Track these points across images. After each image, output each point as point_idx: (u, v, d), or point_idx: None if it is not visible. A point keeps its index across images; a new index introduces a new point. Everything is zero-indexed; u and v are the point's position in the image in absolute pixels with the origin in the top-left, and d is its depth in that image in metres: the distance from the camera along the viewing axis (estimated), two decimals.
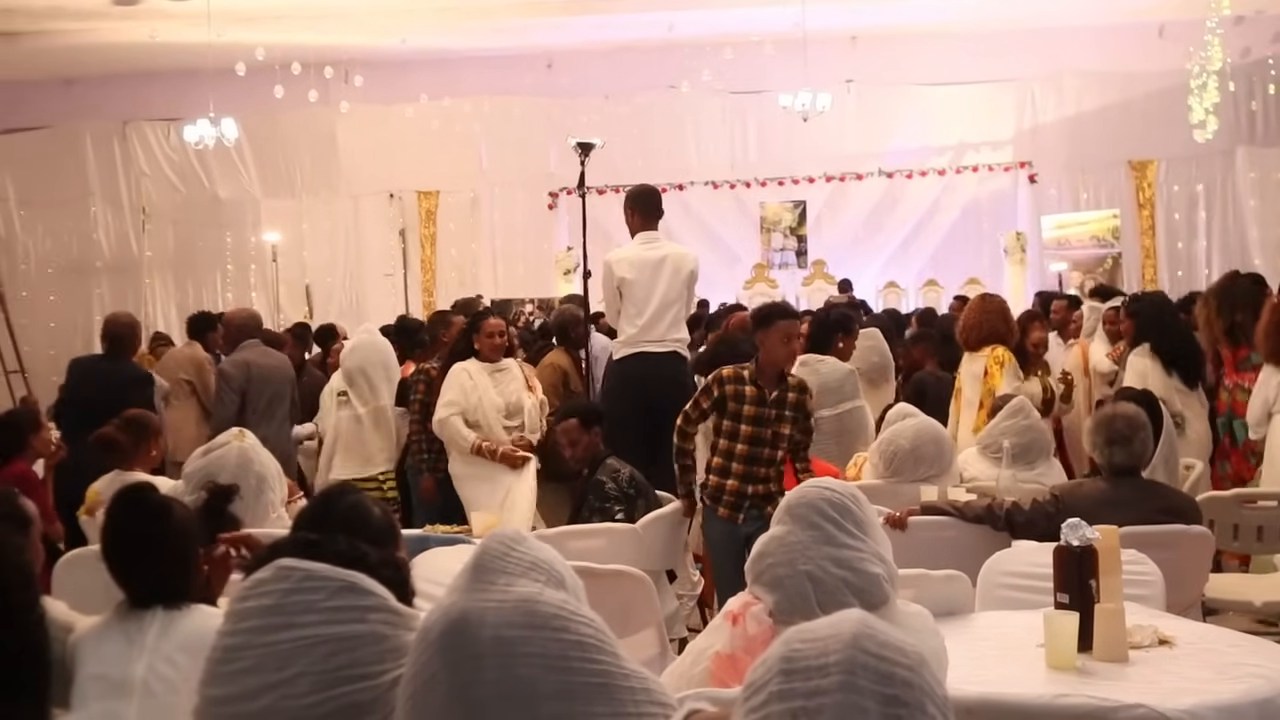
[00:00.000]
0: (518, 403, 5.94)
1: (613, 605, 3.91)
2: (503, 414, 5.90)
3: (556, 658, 1.72)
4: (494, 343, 5.98)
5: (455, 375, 5.90)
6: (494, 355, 5.98)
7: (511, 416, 5.94)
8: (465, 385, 5.86)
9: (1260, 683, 2.59)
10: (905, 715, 1.30)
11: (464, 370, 5.91)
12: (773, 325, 4.96)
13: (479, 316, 6.27)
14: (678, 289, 6.24)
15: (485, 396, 5.87)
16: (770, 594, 2.45)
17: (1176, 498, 4.38)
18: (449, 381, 5.91)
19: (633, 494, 5.05)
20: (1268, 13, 14.83)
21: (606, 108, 15.29)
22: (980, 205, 15.66)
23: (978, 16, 14.75)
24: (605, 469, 5.15)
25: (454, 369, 5.95)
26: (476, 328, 6.06)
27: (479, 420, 5.83)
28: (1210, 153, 14.89)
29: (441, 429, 5.88)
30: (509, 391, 5.95)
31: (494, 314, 6.44)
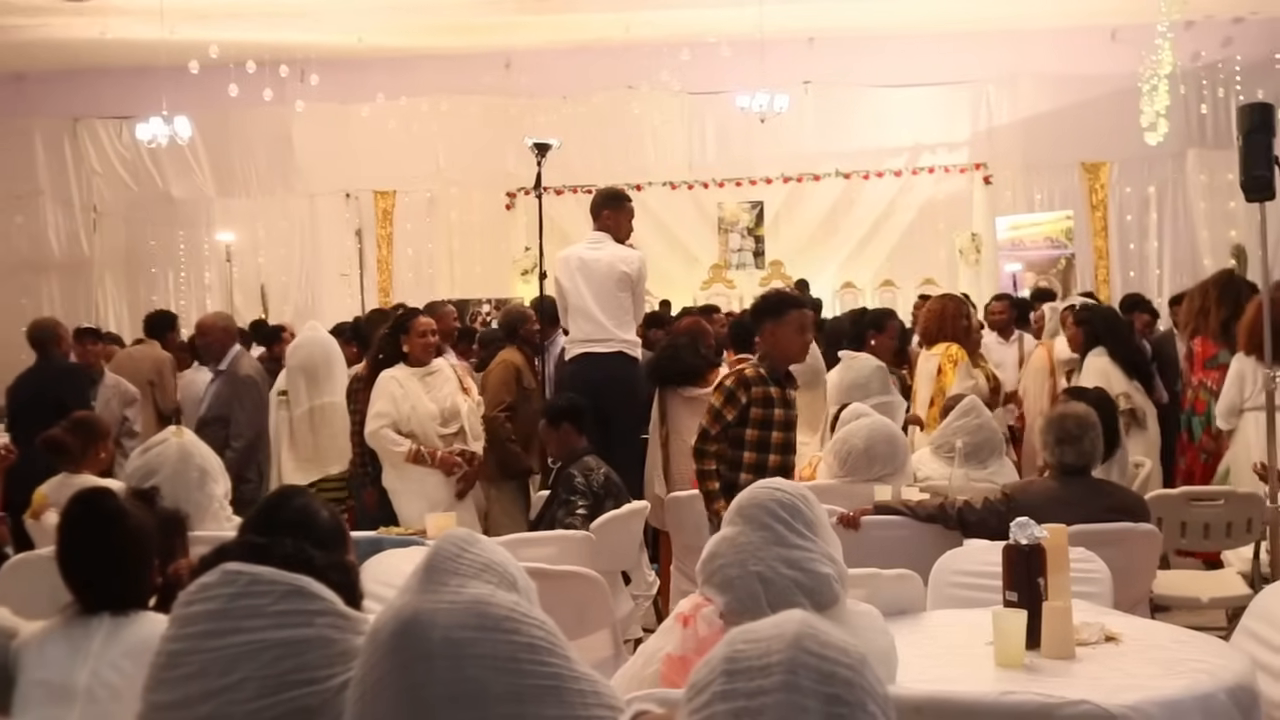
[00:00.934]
0: (453, 407, 5.64)
1: (567, 607, 3.90)
2: (438, 421, 5.59)
3: (507, 659, 1.72)
4: (425, 343, 5.65)
5: (383, 384, 5.57)
6: (424, 357, 5.65)
7: (448, 423, 5.63)
8: (395, 394, 5.52)
9: (1203, 678, 2.63)
10: (846, 714, 1.31)
11: (392, 379, 5.57)
12: (785, 315, 4.63)
13: (408, 315, 5.88)
14: (611, 290, 6.27)
15: (418, 405, 5.55)
16: (721, 595, 2.46)
17: (1125, 496, 4.45)
18: (377, 390, 5.57)
19: (602, 494, 5.02)
20: (1217, 17, 15.04)
21: (564, 108, 15.26)
22: (936, 206, 15.75)
23: (934, 19, 14.86)
24: (580, 465, 5.13)
25: (381, 377, 5.60)
26: (405, 327, 5.69)
27: (414, 430, 5.53)
28: (1162, 155, 15.06)
29: (373, 441, 5.58)
30: (442, 396, 5.64)
31: (422, 312, 6.04)
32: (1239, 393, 6.16)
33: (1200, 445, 6.78)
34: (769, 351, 4.66)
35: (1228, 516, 5.39)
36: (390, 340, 5.72)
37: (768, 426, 4.50)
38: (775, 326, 4.63)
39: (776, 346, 4.64)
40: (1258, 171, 4.98)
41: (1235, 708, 2.58)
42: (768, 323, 4.67)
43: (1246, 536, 5.40)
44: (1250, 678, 2.73)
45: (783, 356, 4.65)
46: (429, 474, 5.53)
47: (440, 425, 5.59)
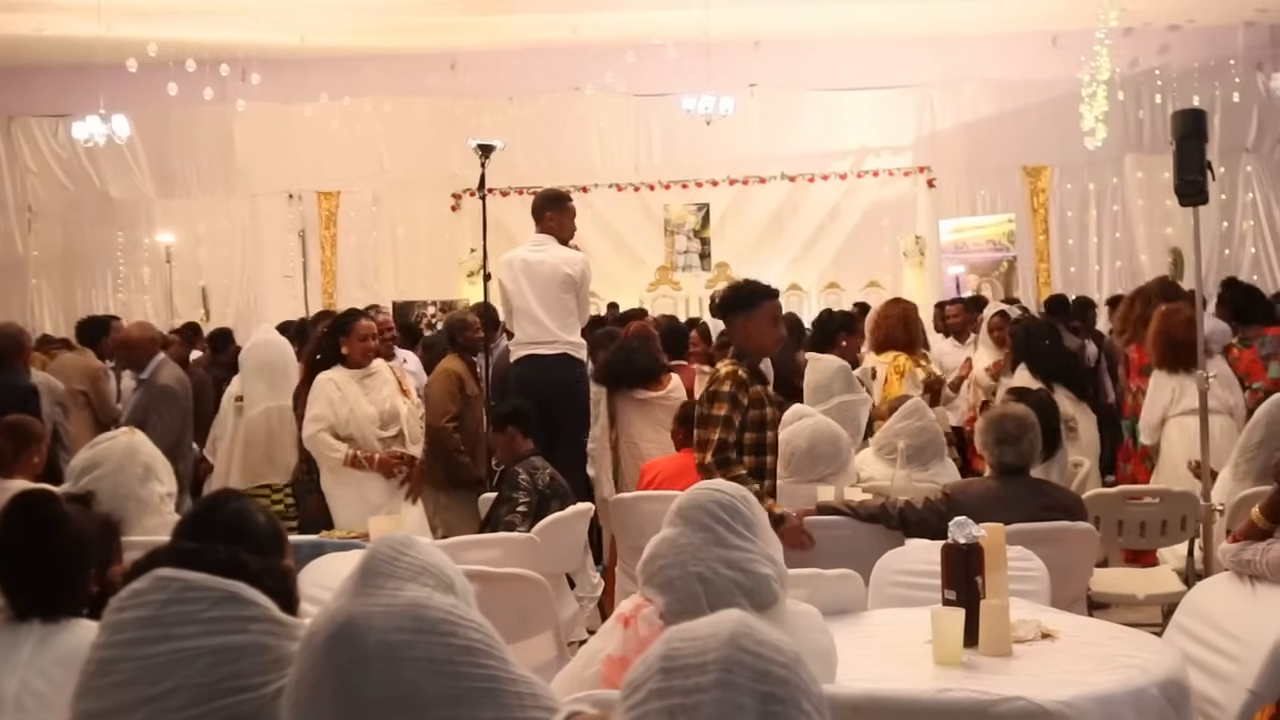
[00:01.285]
0: (392, 410, 5.53)
1: (509, 609, 3.89)
2: (377, 424, 5.48)
3: (443, 662, 1.72)
4: (366, 346, 5.54)
5: (321, 387, 5.45)
6: (364, 360, 5.53)
7: (387, 426, 5.52)
8: (332, 397, 5.40)
9: (1135, 673, 2.67)
10: (781, 712, 1.32)
11: (330, 381, 5.45)
12: (758, 307, 4.41)
13: (350, 317, 5.76)
14: (555, 293, 6.26)
15: (357, 407, 5.44)
16: (661, 596, 2.46)
17: (1063, 495, 4.51)
18: (314, 393, 5.46)
19: (547, 494, 5.00)
20: (1155, 25, 15.31)
21: (510, 109, 15.22)
22: (881, 209, 15.88)
23: (879, 23, 14.99)
24: (526, 464, 5.11)
25: (319, 380, 5.48)
26: (346, 330, 5.56)
27: (352, 434, 5.41)
28: (1101, 159, 15.30)
29: (310, 445, 5.48)
30: (381, 399, 5.52)
31: (366, 315, 5.92)
32: (1159, 408, 6.27)
33: (1142, 452, 6.91)
34: (743, 347, 4.44)
35: (1163, 515, 5.48)
36: (329, 342, 5.62)
37: (762, 429, 4.34)
38: (747, 320, 4.41)
39: (750, 340, 4.43)
40: (1190, 176, 5.06)
41: (1166, 702, 2.62)
42: (739, 316, 4.44)
43: (1181, 534, 5.49)
44: (1181, 672, 2.78)
45: (757, 350, 4.47)
46: (368, 478, 5.44)
47: (379, 428, 5.49)
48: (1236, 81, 15.71)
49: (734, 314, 4.47)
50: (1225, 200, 15.56)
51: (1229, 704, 2.97)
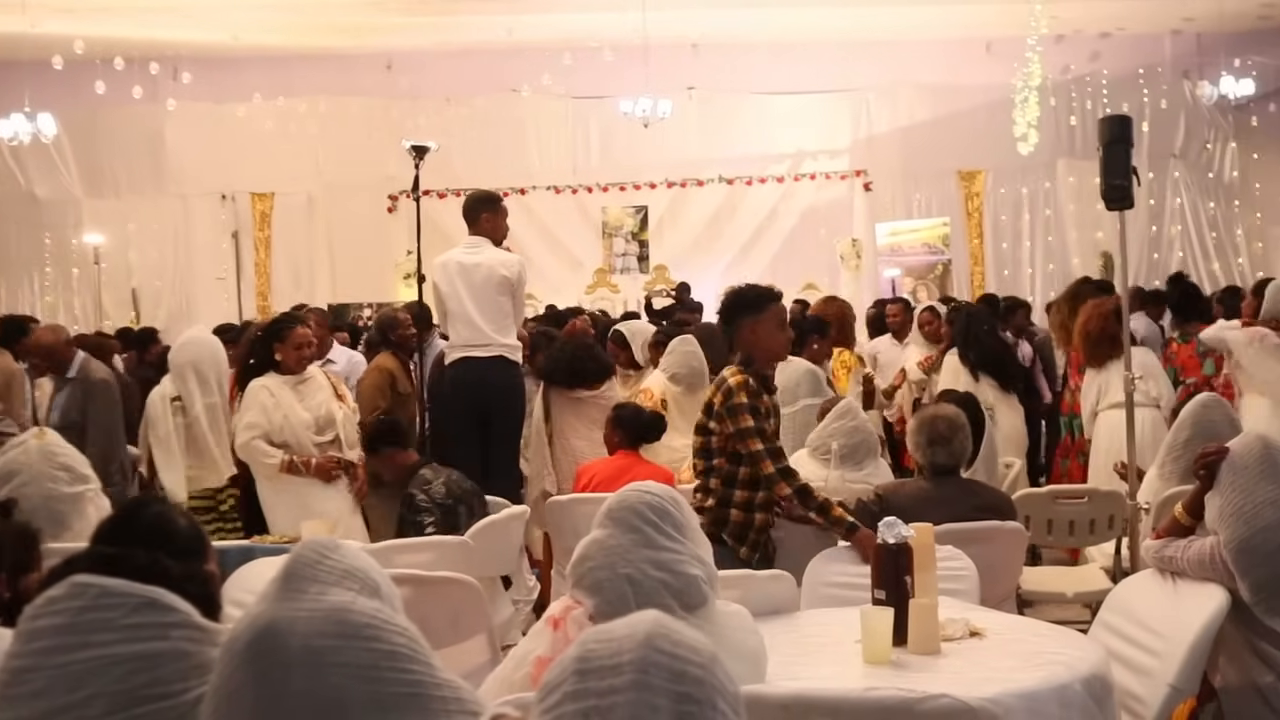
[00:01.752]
0: (328, 415, 5.44)
1: (442, 612, 3.87)
2: (313, 430, 5.38)
3: (367, 668, 1.70)
4: (301, 354, 5.44)
5: (254, 394, 5.34)
6: (298, 368, 5.44)
7: (323, 431, 5.42)
8: (266, 404, 5.30)
9: (1059, 669, 2.71)
10: (696, 712, 1.32)
11: (263, 388, 5.34)
12: (765, 310, 4.23)
13: (285, 324, 5.61)
14: (491, 295, 6.24)
15: (291, 414, 5.35)
16: (591, 597, 2.46)
17: (993, 495, 4.56)
18: (248, 400, 5.36)
19: (450, 503, 4.85)
20: (1086, 32, 15.58)
21: (447, 110, 15.15)
22: (818, 212, 16.01)
23: (816, 27, 15.11)
24: (418, 480, 4.93)
25: (252, 386, 5.37)
26: (281, 336, 5.43)
27: (287, 440, 5.31)
28: (1034, 164, 15.54)
29: (244, 453, 5.39)
30: (316, 404, 5.43)
31: (303, 321, 5.76)
32: (1089, 404, 6.45)
33: (1079, 447, 7.03)
34: (750, 352, 4.25)
35: (1091, 514, 5.57)
36: (263, 346, 5.50)
37: (766, 434, 4.13)
38: (755, 324, 4.22)
39: (758, 345, 4.23)
40: (1116, 181, 5.14)
41: (1089, 697, 2.66)
42: (746, 320, 4.23)
43: (1109, 533, 5.58)
44: (1105, 668, 2.82)
45: (765, 355, 4.26)
46: (307, 484, 5.33)
47: (315, 434, 5.39)
48: (1164, 89, 16.04)
49: (740, 317, 4.27)
50: (1154, 205, 15.88)
51: (1151, 698, 3.02)
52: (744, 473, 4.14)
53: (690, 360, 6.51)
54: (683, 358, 6.52)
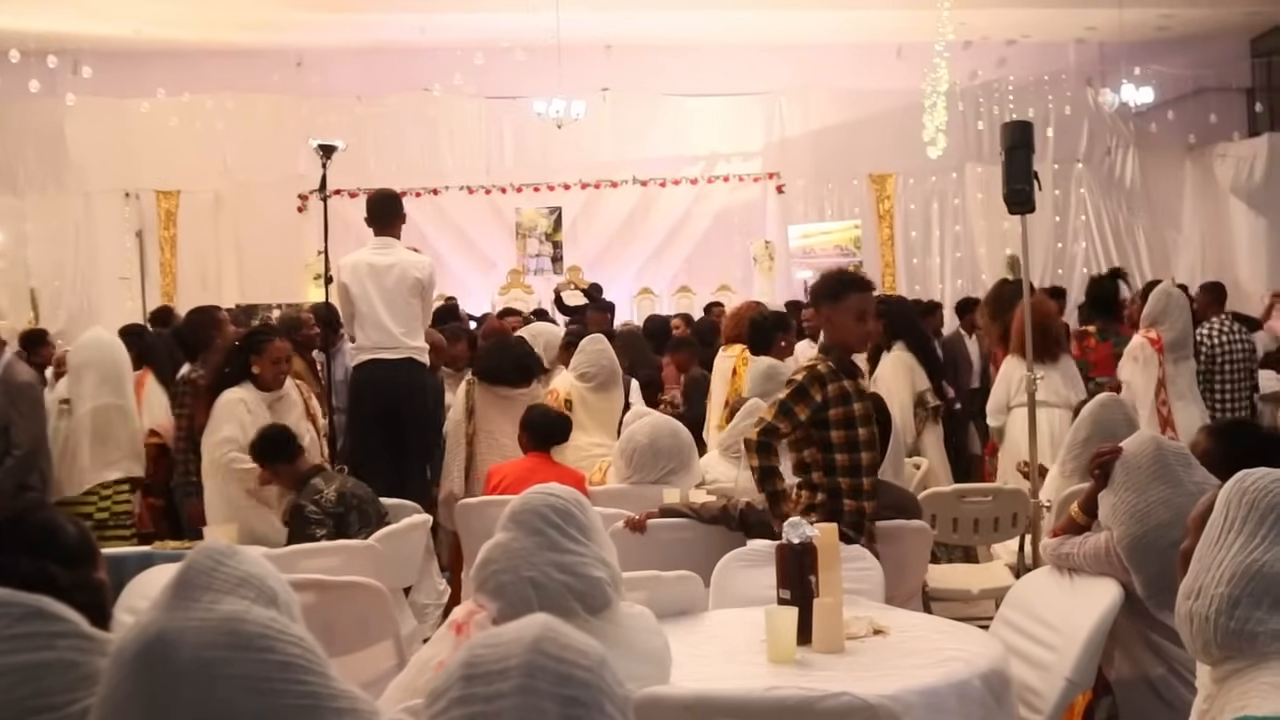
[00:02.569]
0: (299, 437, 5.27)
1: (349, 618, 3.82)
2: None
3: (260, 679, 1.66)
4: (278, 369, 5.28)
5: (230, 407, 5.14)
6: (275, 384, 5.28)
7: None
8: (243, 420, 5.10)
9: (959, 666, 2.76)
10: (583, 715, 1.32)
11: (241, 402, 5.15)
12: (843, 299, 4.18)
13: (261, 337, 5.44)
14: (404, 296, 6.18)
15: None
16: (494, 601, 2.44)
17: (898, 494, 4.63)
18: (223, 412, 5.16)
19: (341, 511, 4.65)
20: (992, 39, 15.88)
21: (358, 109, 14.96)
22: (731, 214, 16.11)
23: (729, 30, 15.20)
24: (307, 491, 4.71)
25: (228, 399, 5.18)
26: (258, 349, 5.26)
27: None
28: (943, 168, 15.81)
29: (220, 469, 5.16)
30: (290, 423, 5.25)
31: (280, 336, 5.58)
32: (1005, 391, 6.53)
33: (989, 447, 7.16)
34: (829, 339, 4.25)
35: (996, 512, 5.67)
36: (239, 357, 5.32)
37: (851, 425, 4.06)
38: (832, 311, 4.19)
39: (834, 332, 4.22)
40: (1018, 185, 5.25)
41: (988, 692, 2.71)
42: (825, 306, 4.22)
43: (1013, 530, 5.69)
44: (1003, 663, 2.88)
45: (842, 343, 4.21)
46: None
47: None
48: (1069, 96, 16.42)
49: (821, 303, 4.28)
50: (1059, 209, 16.26)
51: (1048, 692, 3.08)
52: (841, 460, 4.06)
53: (600, 359, 6.51)
54: (593, 356, 6.51)
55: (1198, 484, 3.06)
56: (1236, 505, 1.72)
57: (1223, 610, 1.65)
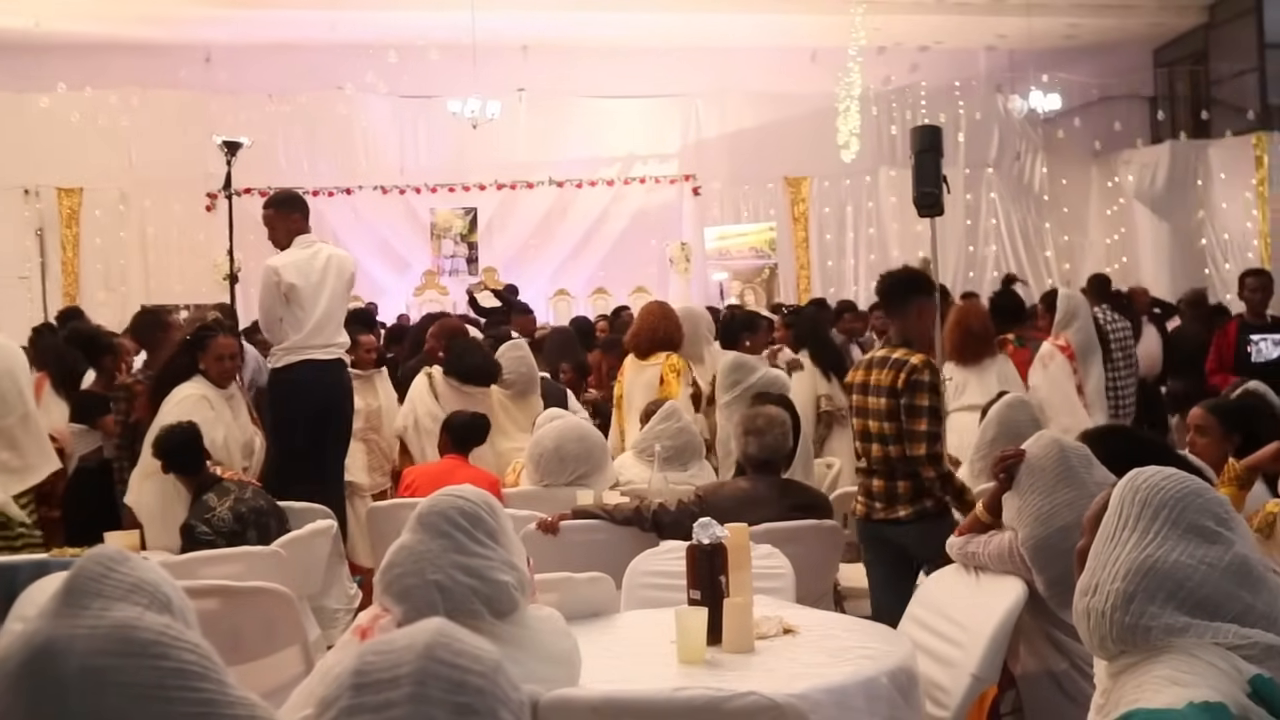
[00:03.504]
0: (250, 442, 5.23)
1: (254, 623, 3.74)
2: (242, 453, 5.14)
3: (153, 687, 1.61)
4: (224, 366, 5.19)
5: (192, 404, 4.98)
6: (222, 381, 5.19)
7: (248, 455, 5.21)
8: (207, 417, 4.94)
9: (867, 663, 2.78)
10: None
11: (203, 399, 5.02)
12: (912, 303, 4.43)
13: (206, 334, 5.32)
14: (341, 293, 6.10)
15: (230, 432, 5.08)
16: (399, 605, 2.39)
17: (810, 495, 4.65)
18: (178, 408, 4.99)
19: (238, 529, 4.47)
20: (905, 45, 16.12)
21: (269, 106, 14.72)
22: (647, 216, 16.15)
23: (646, 32, 15.24)
24: (199, 509, 4.51)
25: (185, 393, 5.03)
26: (202, 345, 5.19)
27: (220, 461, 4.94)
28: (857, 171, 16.00)
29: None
30: (241, 425, 5.21)
31: (225, 332, 5.49)
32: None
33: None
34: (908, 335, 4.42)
35: None
36: (185, 354, 5.21)
37: (939, 418, 4.33)
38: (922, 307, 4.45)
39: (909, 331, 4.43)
40: (927, 189, 5.34)
41: (895, 689, 2.73)
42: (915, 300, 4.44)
43: None
44: (910, 660, 2.90)
45: (921, 339, 4.47)
46: None
47: (243, 457, 5.13)
48: (979, 101, 16.72)
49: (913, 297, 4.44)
50: (970, 213, 16.55)
51: (954, 688, 3.12)
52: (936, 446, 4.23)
53: (519, 365, 6.48)
54: (512, 363, 6.48)
55: (1099, 484, 3.11)
56: (1130, 503, 1.75)
57: (1118, 606, 1.68)
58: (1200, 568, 1.66)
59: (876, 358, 4.44)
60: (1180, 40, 17.44)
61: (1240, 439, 4.03)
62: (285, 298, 5.90)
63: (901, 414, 4.22)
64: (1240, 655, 1.60)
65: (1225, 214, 15.87)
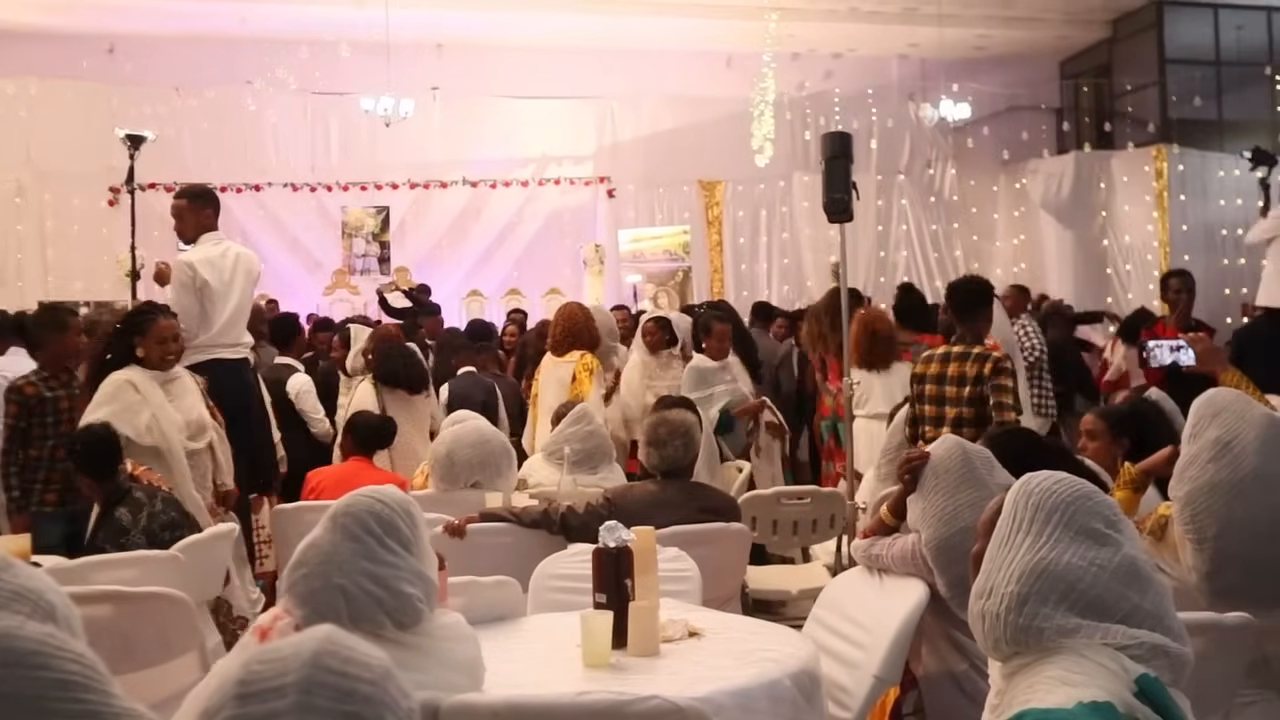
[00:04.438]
0: (200, 420, 5.05)
1: (150, 630, 3.64)
2: (185, 433, 4.94)
3: (32, 698, 1.55)
4: (166, 349, 5.05)
5: (117, 389, 4.85)
6: (162, 365, 5.03)
7: (195, 436, 5.02)
8: (130, 402, 4.78)
9: (770, 666, 2.79)
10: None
11: (128, 383, 4.85)
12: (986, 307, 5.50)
13: (144, 317, 5.17)
14: (249, 292, 6.03)
15: (162, 413, 4.88)
16: (301, 608, 2.34)
17: (718, 497, 4.67)
18: (108, 393, 4.86)
19: (166, 537, 4.28)
20: (819, 52, 16.30)
21: (175, 100, 14.37)
22: (562, 217, 16.08)
23: (562, 33, 15.19)
24: (110, 529, 4.29)
25: (114, 380, 4.88)
26: (141, 329, 5.04)
27: (157, 444, 4.84)
28: (771, 176, 16.11)
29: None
30: (187, 406, 5.04)
31: (165, 314, 5.30)
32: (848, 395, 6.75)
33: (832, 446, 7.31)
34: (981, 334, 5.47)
35: (814, 514, 5.80)
36: (120, 341, 5.04)
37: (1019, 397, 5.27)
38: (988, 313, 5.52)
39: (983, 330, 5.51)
40: (837, 194, 5.39)
41: (799, 691, 2.75)
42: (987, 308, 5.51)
43: (830, 532, 5.82)
44: (814, 662, 2.92)
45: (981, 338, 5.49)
46: None
47: (188, 438, 4.92)
48: (892, 109, 16.96)
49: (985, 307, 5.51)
50: (881, 219, 16.77)
51: (857, 689, 3.15)
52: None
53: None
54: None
55: (1000, 485, 3.17)
56: (1023, 508, 1.78)
57: (1012, 608, 1.70)
58: (1091, 569, 1.69)
59: (955, 352, 5.36)
60: (1085, 54, 17.88)
61: (1129, 444, 4.14)
62: (199, 294, 5.82)
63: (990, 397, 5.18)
64: (1128, 655, 1.63)
65: (1127, 223, 16.30)
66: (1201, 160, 15.76)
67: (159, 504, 4.37)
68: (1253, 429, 2.94)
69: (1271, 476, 2.89)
